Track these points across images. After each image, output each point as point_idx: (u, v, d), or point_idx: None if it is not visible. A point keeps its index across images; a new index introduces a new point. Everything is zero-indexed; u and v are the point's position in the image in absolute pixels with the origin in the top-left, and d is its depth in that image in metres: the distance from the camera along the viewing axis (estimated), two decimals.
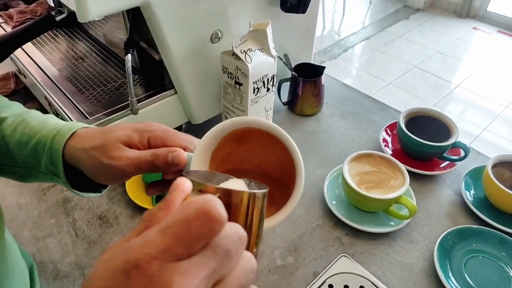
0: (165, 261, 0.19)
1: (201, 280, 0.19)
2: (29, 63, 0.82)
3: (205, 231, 0.19)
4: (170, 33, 0.62)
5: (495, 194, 0.63)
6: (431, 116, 0.75)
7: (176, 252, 0.19)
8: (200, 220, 0.19)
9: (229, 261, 0.20)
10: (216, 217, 0.19)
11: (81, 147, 0.38)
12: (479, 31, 3.22)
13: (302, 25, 0.85)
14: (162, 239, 0.19)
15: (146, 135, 0.39)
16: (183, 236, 0.19)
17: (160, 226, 0.20)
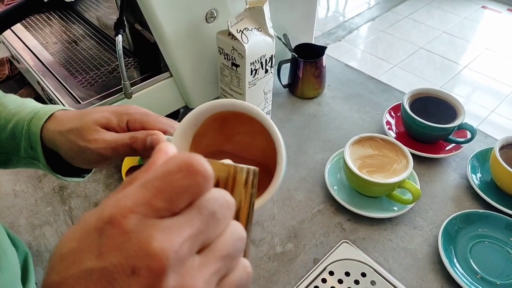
0: (144, 216, 0.17)
1: (185, 239, 0.17)
2: (21, 48, 0.80)
3: (188, 184, 0.17)
4: (163, 13, 0.60)
5: (503, 177, 0.60)
6: (436, 97, 0.72)
7: (156, 206, 0.17)
8: (182, 173, 0.17)
9: (216, 224, 0.18)
10: (200, 170, 0.17)
11: (58, 130, 0.37)
12: (488, 10, 3.13)
13: (303, 3, 0.82)
14: (141, 192, 0.17)
15: (124, 118, 0.37)
16: (164, 189, 0.17)
17: (140, 181, 0.18)
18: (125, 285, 0.16)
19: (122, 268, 0.16)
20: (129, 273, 0.16)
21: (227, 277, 0.19)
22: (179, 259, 0.16)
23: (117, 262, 0.16)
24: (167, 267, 0.16)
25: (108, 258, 0.16)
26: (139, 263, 0.16)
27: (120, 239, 0.16)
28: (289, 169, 0.68)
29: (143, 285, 0.16)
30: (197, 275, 0.17)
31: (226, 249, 0.19)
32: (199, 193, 0.18)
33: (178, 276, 0.16)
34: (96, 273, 0.16)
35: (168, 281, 0.16)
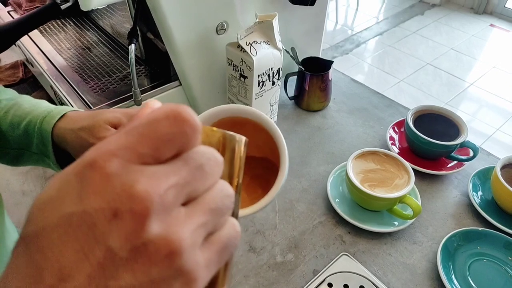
0: (127, 161, 0.16)
1: (170, 186, 0.16)
2: (36, 52, 0.82)
3: (174, 132, 0.16)
4: (175, 24, 0.62)
5: (503, 197, 0.61)
6: (440, 114, 0.73)
7: (140, 152, 0.16)
8: (169, 120, 0.16)
9: (203, 177, 0.17)
10: (188, 119, 0.16)
11: (70, 128, 0.39)
12: (496, 28, 3.14)
13: (311, 18, 0.83)
14: (125, 137, 0.16)
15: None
16: (149, 135, 0.16)
17: (125, 128, 0.17)
18: (106, 230, 0.15)
19: (103, 212, 0.15)
20: (110, 217, 0.15)
21: (215, 234, 0.18)
22: (164, 206, 0.16)
23: (97, 206, 0.15)
24: (151, 211, 0.15)
25: (88, 202, 0.15)
26: (121, 206, 0.15)
27: (101, 183, 0.15)
28: (292, 180, 0.69)
29: (125, 230, 0.15)
30: (182, 224, 0.16)
31: (213, 203, 0.18)
32: (186, 144, 0.17)
33: (162, 223, 0.15)
34: (75, 218, 0.15)
35: (152, 226, 0.15)
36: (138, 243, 0.15)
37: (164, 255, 0.15)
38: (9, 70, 0.93)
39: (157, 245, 0.15)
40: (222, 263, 0.19)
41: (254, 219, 0.63)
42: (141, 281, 0.15)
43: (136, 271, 0.15)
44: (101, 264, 0.15)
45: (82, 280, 0.15)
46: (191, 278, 0.16)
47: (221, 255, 0.18)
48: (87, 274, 0.15)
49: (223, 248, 0.18)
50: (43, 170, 0.71)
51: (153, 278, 0.15)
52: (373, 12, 3.41)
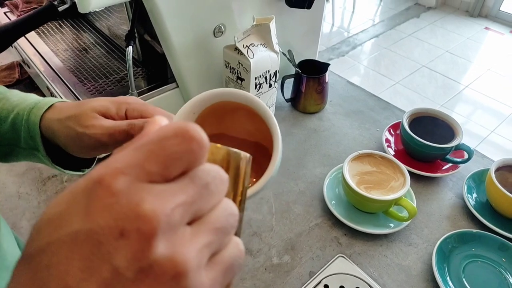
0: (135, 179, 0.16)
1: (177, 205, 0.16)
2: (33, 53, 0.82)
3: (183, 150, 0.16)
4: (172, 26, 0.62)
5: (497, 199, 0.62)
6: (435, 117, 0.74)
7: (148, 170, 0.16)
8: (178, 138, 0.16)
9: (209, 196, 0.17)
10: (196, 137, 0.17)
11: (56, 118, 0.38)
12: (491, 31, 3.17)
13: (308, 20, 0.84)
14: (134, 154, 0.16)
15: (123, 107, 0.38)
16: (157, 153, 0.16)
17: (133, 145, 0.17)
18: (113, 249, 0.15)
19: (110, 231, 0.15)
20: (117, 235, 0.15)
21: (220, 253, 0.18)
22: (171, 225, 0.15)
23: (104, 223, 0.15)
24: (157, 231, 0.15)
25: (95, 219, 0.15)
26: (128, 225, 0.15)
27: (108, 200, 0.15)
28: (288, 182, 0.70)
29: (131, 249, 0.15)
30: (188, 245, 0.16)
31: (218, 222, 0.18)
32: (193, 161, 0.17)
33: (168, 243, 0.15)
34: (82, 235, 0.15)
35: (158, 247, 0.15)
36: (145, 263, 0.15)
37: (171, 276, 0.15)
38: (5, 71, 0.93)
39: (163, 266, 0.15)
40: (226, 283, 0.18)
41: (250, 221, 0.63)
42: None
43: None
44: (107, 284, 0.15)
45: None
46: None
47: (226, 275, 0.18)
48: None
49: (228, 268, 0.18)
50: (39, 173, 0.71)
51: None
52: (369, 14, 3.43)
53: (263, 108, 0.35)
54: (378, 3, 3.61)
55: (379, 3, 3.61)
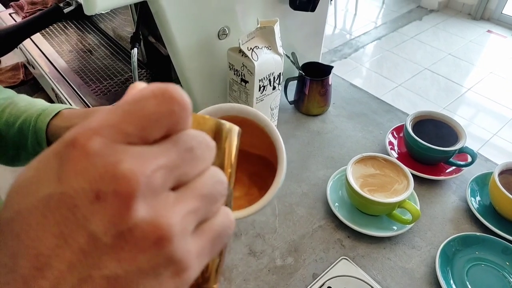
0: (112, 140, 0.14)
1: (158, 167, 0.14)
2: (38, 55, 0.82)
3: (162, 111, 0.15)
4: (177, 28, 0.62)
5: (501, 202, 0.62)
6: (439, 120, 0.74)
7: (125, 131, 0.14)
8: (157, 99, 0.15)
9: (193, 161, 0.16)
10: (176, 97, 0.15)
11: (64, 126, 0.38)
12: (493, 34, 3.17)
13: (311, 23, 0.84)
14: (109, 115, 0.15)
15: None
16: (135, 113, 0.15)
17: (109, 107, 0.16)
18: (88, 213, 0.14)
19: (85, 193, 0.14)
20: (92, 198, 0.14)
21: (208, 222, 0.17)
22: (151, 188, 0.14)
23: (78, 186, 0.14)
24: (136, 193, 0.14)
25: (68, 182, 0.14)
26: (104, 187, 0.14)
27: (82, 163, 0.14)
28: (292, 184, 0.70)
29: (108, 213, 0.14)
30: (171, 209, 0.15)
31: (205, 189, 0.16)
32: (175, 125, 0.16)
33: (149, 207, 0.14)
34: (54, 200, 0.14)
35: (138, 210, 0.14)
36: (124, 228, 0.14)
37: (152, 241, 0.14)
38: (10, 72, 0.94)
39: (144, 230, 0.14)
40: (215, 254, 0.17)
41: (254, 223, 0.63)
42: (127, 270, 0.14)
43: (122, 259, 0.14)
44: (83, 250, 0.14)
45: (62, 269, 0.14)
46: (182, 267, 0.15)
47: (214, 245, 0.17)
48: (67, 262, 0.14)
49: (216, 237, 0.17)
50: None
51: (141, 267, 0.14)
52: (372, 17, 3.44)
53: (267, 123, 0.35)
54: (381, 5, 3.62)
55: (382, 5, 3.61)
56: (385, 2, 3.64)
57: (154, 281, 0.15)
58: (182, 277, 0.15)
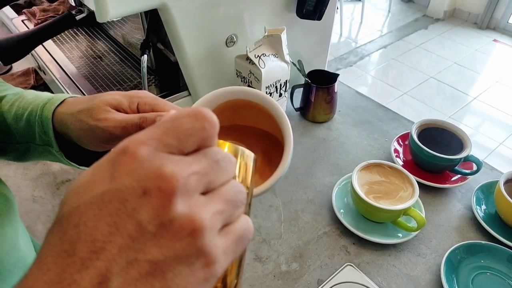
0: (156, 149, 0.17)
1: (193, 172, 0.17)
2: (49, 60, 0.84)
3: (196, 127, 0.19)
4: (186, 36, 0.63)
5: (507, 211, 0.62)
6: (444, 128, 0.74)
7: (167, 142, 0.18)
8: (191, 118, 0.19)
9: (219, 171, 0.19)
10: (207, 116, 0.19)
11: (69, 112, 0.39)
12: (499, 44, 3.17)
13: (318, 32, 0.85)
14: (153, 130, 0.18)
15: (135, 100, 0.38)
16: (174, 129, 0.18)
17: (153, 125, 0.19)
18: (137, 205, 0.16)
19: (134, 190, 0.16)
20: (140, 194, 0.16)
21: (231, 225, 0.19)
22: (187, 189, 0.17)
23: (129, 184, 0.16)
24: (176, 191, 0.16)
25: (120, 181, 0.17)
26: (150, 185, 0.16)
27: (132, 165, 0.17)
28: (297, 191, 0.70)
29: (153, 206, 0.16)
30: (203, 209, 0.17)
31: (229, 195, 0.19)
32: (205, 139, 0.19)
33: (186, 204, 0.17)
34: (108, 195, 0.17)
35: (177, 205, 0.17)
36: (165, 219, 0.16)
37: (188, 232, 0.17)
38: (21, 77, 0.95)
39: (181, 222, 0.17)
40: (238, 254, 0.20)
41: (260, 228, 0.64)
42: (166, 256, 0.16)
43: (162, 246, 0.16)
44: (131, 237, 0.16)
45: (114, 252, 0.16)
46: (211, 260, 0.17)
47: (237, 245, 0.19)
48: (118, 246, 0.16)
49: (239, 239, 0.19)
50: (53, 177, 0.72)
51: (177, 254, 0.17)
52: (377, 25, 3.45)
53: (275, 105, 0.35)
54: (386, 14, 3.63)
55: (387, 14, 3.63)
56: (391, 10, 3.66)
57: (188, 269, 0.17)
58: (211, 270, 0.18)
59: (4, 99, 0.43)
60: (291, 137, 0.34)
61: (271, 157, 0.37)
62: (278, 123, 0.36)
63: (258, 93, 0.36)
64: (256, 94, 0.36)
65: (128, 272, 0.16)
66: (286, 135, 0.35)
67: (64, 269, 0.16)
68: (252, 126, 0.39)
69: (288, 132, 0.35)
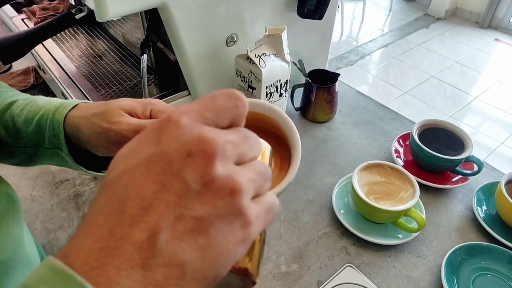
0: (195, 120, 0.19)
1: (228, 141, 0.19)
2: (48, 59, 0.84)
3: (229, 105, 0.20)
4: (186, 35, 0.63)
5: (507, 212, 0.61)
6: (445, 128, 0.74)
7: (205, 115, 0.20)
8: (225, 97, 0.21)
9: (249, 146, 0.21)
10: (239, 97, 0.21)
11: (82, 115, 0.39)
12: (500, 43, 3.16)
13: (318, 31, 0.85)
14: (192, 105, 0.20)
15: (148, 107, 0.40)
16: (211, 105, 0.20)
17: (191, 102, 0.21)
18: (182, 165, 0.18)
19: (179, 152, 0.18)
20: (185, 155, 0.18)
21: (261, 196, 0.21)
22: (225, 154, 0.19)
23: (174, 147, 0.18)
24: (217, 153, 0.18)
25: (165, 144, 0.18)
26: (193, 148, 0.18)
27: (176, 131, 0.18)
28: (297, 191, 0.70)
29: (197, 166, 0.18)
30: (239, 173, 0.19)
31: (259, 168, 0.21)
32: (237, 117, 0.21)
33: (225, 167, 0.18)
34: (155, 157, 0.18)
35: (218, 166, 0.18)
36: (208, 178, 0.18)
37: (228, 192, 0.18)
38: (21, 75, 0.95)
39: (222, 182, 0.18)
40: (267, 224, 0.21)
41: None
42: (209, 213, 0.18)
43: (205, 203, 0.18)
44: (178, 194, 0.18)
45: (162, 208, 0.17)
46: (247, 221, 0.19)
47: (267, 215, 0.21)
48: (166, 202, 0.17)
49: (269, 209, 0.21)
50: (52, 176, 0.72)
51: (219, 212, 0.18)
52: (378, 24, 3.44)
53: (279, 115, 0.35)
54: (387, 13, 3.63)
55: (388, 13, 3.62)
56: (392, 9, 3.65)
57: (228, 227, 0.18)
58: (247, 231, 0.19)
59: (15, 103, 0.44)
60: (299, 148, 0.34)
61: (281, 157, 0.37)
62: (288, 137, 0.36)
63: (265, 104, 0.36)
64: (263, 105, 0.36)
65: (175, 227, 0.17)
66: (295, 148, 0.35)
67: (115, 225, 0.17)
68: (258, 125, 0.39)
69: (296, 144, 0.35)
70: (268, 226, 0.21)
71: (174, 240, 0.17)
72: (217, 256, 0.18)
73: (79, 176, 0.72)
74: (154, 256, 0.17)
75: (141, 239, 0.17)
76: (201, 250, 0.18)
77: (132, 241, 0.17)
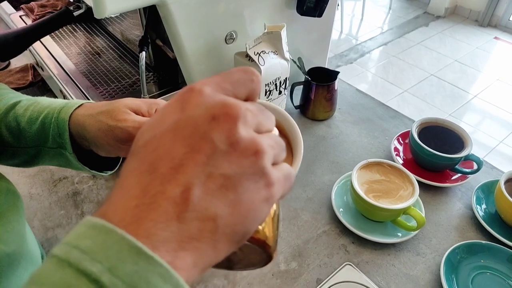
0: (216, 89, 0.20)
1: (248, 109, 0.20)
2: (46, 56, 0.83)
3: (246, 78, 0.22)
4: (185, 32, 0.63)
5: (507, 210, 0.61)
6: (445, 127, 0.73)
7: (224, 86, 0.21)
8: (241, 72, 0.22)
9: (265, 117, 0.22)
10: (255, 72, 0.22)
11: (88, 114, 0.39)
12: (500, 41, 3.15)
13: (318, 29, 0.85)
14: (212, 78, 0.21)
15: (154, 107, 0.40)
16: (228, 78, 0.22)
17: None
18: (208, 128, 0.19)
19: (204, 116, 0.19)
20: (210, 119, 0.19)
21: (278, 164, 0.22)
22: (246, 119, 0.20)
23: (199, 112, 0.19)
24: (240, 116, 0.19)
25: (191, 110, 0.19)
26: (218, 111, 0.19)
27: (199, 99, 0.20)
28: (297, 189, 0.70)
29: (222, 128, 0.19)
30: (260, 138, 0.20)
31: (275, 138, 0.22)
32: (253, 91, 0.22)
33: (247, 131, 0.19)
34: (181, 123, 0.19)
35: (242, 128, 0.19)
36: (233, 139, 0.19)
37: (252, 152, 0.19)
38: (19, 73, 0.95)
39: (247, 143, 0.19)
40: (285, 192, 0.22)
41: None
42: (236, 171, 0.19)
43: (232, 163, 0.19)
44: (206, 154, 0.19)
45: (192, 167, 0.18)
46: (270, 181, 0.20)
47: (285, 182, 0.22)
48: (195, 162, 0.18)
49: (286, 176, 0.22)
50: (50, 174, 0.72)
51: (245, 171, 0.19)
52: (378, 22, 3.44)
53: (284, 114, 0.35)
54: (387, 11, 3.62)
55: (388, 11, 3.62)
56: (391, 7, 3.64)
57: (254, 186, 0.19)
58: (271, 190, 0.20)
59: (19, 104, 0.44)
60: (301, 146, 0.34)
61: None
62: (290, 136, 0.36)
63: (265, 103, 0.36)
64: (263, 104, 0.36)
65: (206, 184, 0.18)
66: (296, 145, 0.35)
67: (148, 183, 0.18)
68: None
69: (298, 142, 0.35)
70: (286, 194, 0.22)
71: (206, 196, 0.18)
72: (246, 212, 0.19)
73: (78, 174, 0.72)
74: (188, 209, 0.18)
75: (175, 194, 0.18)
76: (231, 205, 0.19)
77: (166, 196, 0.18)
